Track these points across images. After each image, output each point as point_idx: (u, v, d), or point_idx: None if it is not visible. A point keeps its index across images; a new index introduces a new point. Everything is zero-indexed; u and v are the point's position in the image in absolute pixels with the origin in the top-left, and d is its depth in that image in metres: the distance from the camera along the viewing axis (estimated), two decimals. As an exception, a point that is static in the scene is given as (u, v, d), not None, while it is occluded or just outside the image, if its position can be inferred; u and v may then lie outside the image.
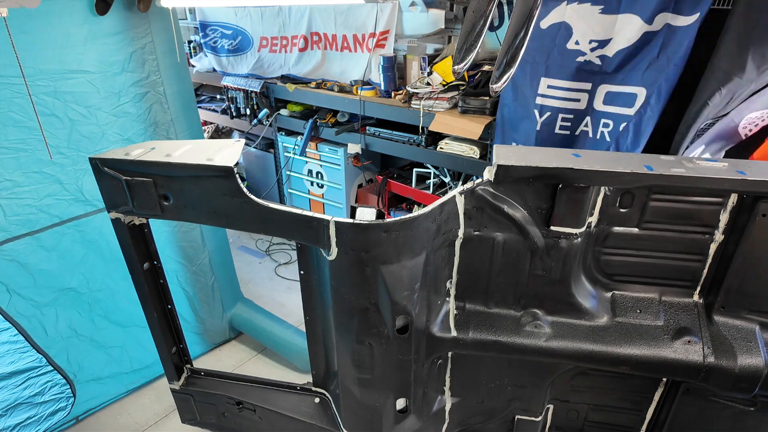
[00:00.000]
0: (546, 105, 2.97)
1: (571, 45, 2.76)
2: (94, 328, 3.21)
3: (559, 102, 2.93)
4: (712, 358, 1.69)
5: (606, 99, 2.75)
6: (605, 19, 2.61)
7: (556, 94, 2.92)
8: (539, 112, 3.01)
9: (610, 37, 2.63)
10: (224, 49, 5.50)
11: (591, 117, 2.83)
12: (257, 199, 1.75)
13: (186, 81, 3.30)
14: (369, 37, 4.35)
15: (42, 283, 2.91)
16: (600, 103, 2.77)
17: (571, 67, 2.81)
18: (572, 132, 2.94)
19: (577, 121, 2.90)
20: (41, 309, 2.93)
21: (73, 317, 3.10)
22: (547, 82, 2.91)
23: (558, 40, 2.80)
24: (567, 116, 2.94)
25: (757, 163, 2.05)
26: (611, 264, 1.81)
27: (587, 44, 2.70)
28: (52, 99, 2.67)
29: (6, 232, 2.69)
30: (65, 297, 3.03)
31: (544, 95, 2.95)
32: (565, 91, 2.88)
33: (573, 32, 2.74)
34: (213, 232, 3.65)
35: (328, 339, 2.08)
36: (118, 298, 3.23)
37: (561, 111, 2.95)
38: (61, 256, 2.94)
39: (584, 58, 2.74)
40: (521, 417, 2.16)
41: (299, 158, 5.20)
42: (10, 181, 2.64)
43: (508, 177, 1.65)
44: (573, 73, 2.82)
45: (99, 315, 3.21)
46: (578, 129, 2.91)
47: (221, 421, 2.55)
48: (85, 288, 3.11)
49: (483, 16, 1.74)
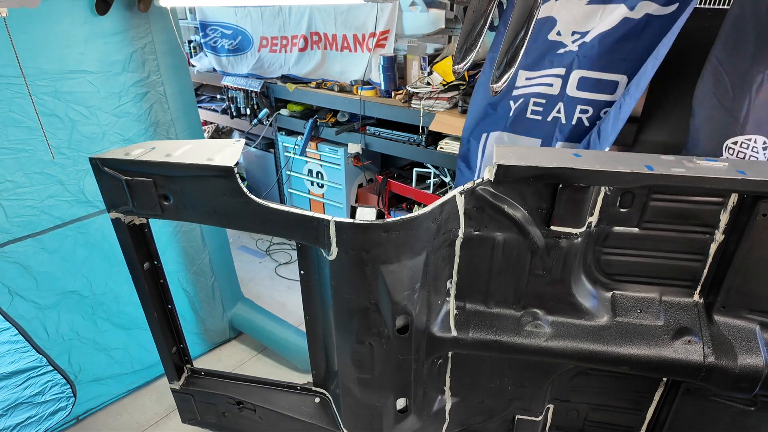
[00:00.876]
0: (519, 94, 2.92)
1: (552, 36, 2.73)
2: (97, 331, 3.20)
3: (532, 88, 2.88)
4: (713, 358, 1.69)
5: (581, 85, 2.70)
6: (591, 9, 2.59)
7: (531, 82, 2.88)
8: (514, 102, 2.97)
9: (593, 27, 2.60)
10: (224, 48, 5.50)
11: (563, 103, 2.77)
12: (257, 199, 1.75)
13: (186, 81, 3.30)
14: (369, 36, 4.35)
15: (44, 285, 2.90)
16: (573, 88, 2.72)
17: (550, 57, 2.77)
18: (544, 118, 2.88)
19: (549, 107, 2.84)
20: (43, 311, 2.92)
21: (76, 320, 3.08)
22: (526, 75, 2.88)
23: (540, 34, 2.76)
24: (539, 101, 2.87)
25: (758, 163, 2.05)
26: (611, 264, 1.81)
27: (569, 36, 2.67)
28: (52, 99, 2.66)
29: (8, 233, 2.68)
30: (68, 300, 3.02)
31: (520, 86, 2.90)
32: (539, 78, 2.84)
33: (556, 23, 2.71)
34: (213, 232, 3.65)
35: (328, 339, 2.08)
36: (121, 301, 3.21)
37: (533, 96, 2.88)
38: (64, 259, 2.93)
39: (565, 49, 2.70)
40: (521, 417, 2.16)
41: (299, 158, 5.20)
42: (12, 182, 2.63)
43: (509, 177, 1.65)
44: (550, 63, 2.78)
45: (102, 318, 3.20)
46: (550, 115, 2.85)
47: (222, 421, 2.55)
48: (88, 291, 3.09)
49: (483, 15, 1.74)
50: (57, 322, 2.99)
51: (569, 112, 2.77)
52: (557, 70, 2.75)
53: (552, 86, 2.79)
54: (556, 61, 2.74)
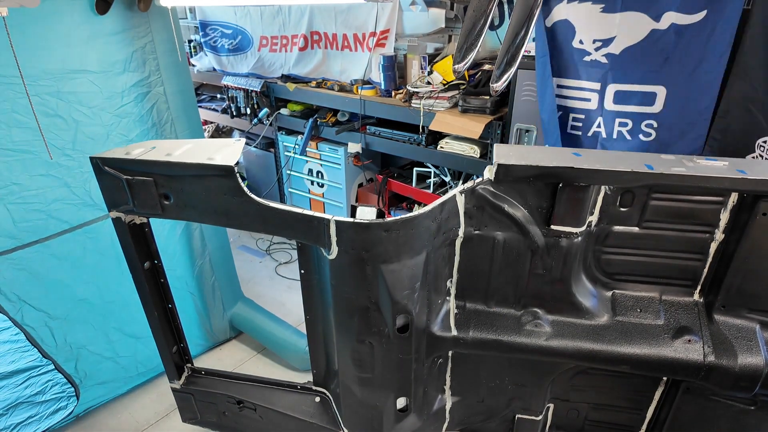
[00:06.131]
0: (558, 105, 2.94)
1: (575, 44, 2.73)
2: (107, 341, 3.14)
3: (569, 101, 2.90)
4: (713, 357, 1.69)
5: (618, 98, 2.70)
6: (606, 17, 2.60)
7: (566, 93, 2.90)
8: (557, 110, 2.99)
9: (613, 36, 2.59)
10: (224, 48, 5.49)
11: (603, 117, 2.79)
12: (258, 199, 1.75)
13: (186, 80, 3.29)
14: (369, 36, 4.35)
15: (54, 293, 2.83)
16: (610, 102, 2.73)
17: (579, 67, 2.77)
18: (584, 132, 2.91)
19: (589, 122, 2.86)
20: (53, 321, 2.86)
21: (87, 330, 3.02)
22: (558, 82, 2.89)
23: (563, 38, 2.77)
24: (578, 116, 2.89)
25: (758, 162, 2.05)
26: (612, 263, 1.81)
27: (591, 43, 2.67)
28: (55, 99, 2.65)
29: (15, 239, 2.62)
30: (79, 310, 2.95)
31: (557, 95, 2.93)
32: (574, 90, 2.85)
33: (576, 31, 2.71)
34: (213, 232, 3.65)
35: (328, 338, 2.08)
36: (132, 309, 3.07)
37: (571, 111, 2.91)
38: (74, 265, 2.87)
39: (590, 57, 2.70)
40: (522, 416, 2.16)
41: (299, 157, 5.20)
42: (17, 184, 2.58)
43: (509, 176, 1.65)
44: (581, 73, 2.78)
45: (113, 328, 3.14)
46: (590, 130, 2.87)
47: (222, 420, 2.56)
48: (98, 299, 3.02)
49: (483, 15, 1.75)
50: (66, 332, 2.93)
51: (609, 126, 2.78)
52: (593, 85, 2.76)
53: (590, 101, 2.81)
54: (587, 71, 2.75)
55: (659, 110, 2.59)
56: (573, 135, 2.95)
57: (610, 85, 2.69)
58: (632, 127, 2.70)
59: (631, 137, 2.73)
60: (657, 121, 2.61)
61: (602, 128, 2.80)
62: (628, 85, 2.64)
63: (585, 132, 2.89)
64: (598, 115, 2.79)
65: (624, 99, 2.68)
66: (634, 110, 2.66)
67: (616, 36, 2.57)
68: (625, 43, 2.57)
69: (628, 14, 2.51)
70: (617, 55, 2.61)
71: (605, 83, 2.70)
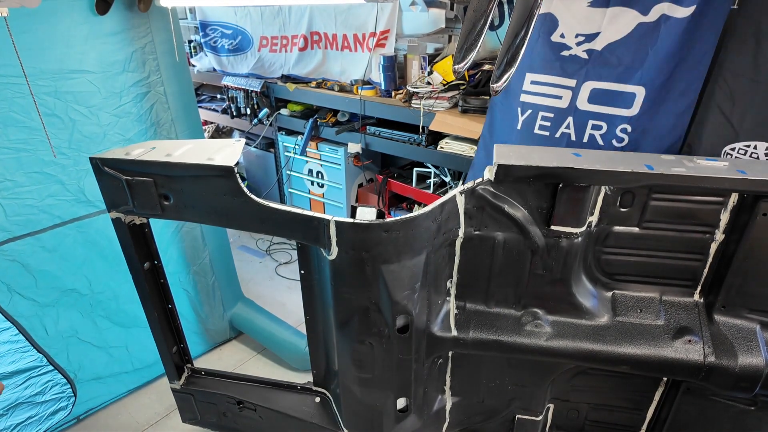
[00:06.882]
0: (528, 102, 2.76)
1: (555, 38, 2.59)
2: (96, 329, 3.20)
3: (540, 98, 2.71)
4: (713, 358, 1.69)
5: (593, 97, 2.54)
6: (594, 12, 2.46)
7: (539, 90, 2.71)
8: (521, 110, 2.80)
9: (598, 31, 2.47)
10: (224, 48, 5.50)
11: (573, 117, 2.61)
12: (258, 199, 1.75)
13: (186, 81, 3.29)
14: (369, 36, 4.35)
15: (43, 284, 2.89)
16: (584, 101, 2.57)
17: (555, 62, 2.61)
18: (552, 134, 2.71)
19: (558, 122, 2.68)
20: (42, 309, 2.92)
21: (75, 318, 3.08)
22: (531, 78, 2.72)
23: (542, 31, 2.61)
24: (547, 114, 2.70)
25: (758, 162, 2.05)
26: (612, 263, 1.81)
27: (573, 38, 2.54)
28: (53, 99, 2.66)
29: (7, 231, 2.68)
30: (67, 298, 3.02)
31: (528, 92, 2.75)
32: (547, 87, 2.67)
33: (558, 24, 2.57)
34: (213, 232, 3.65)
35: (328, 338, 2.08)
36: (120, 300, 3.21)
37: (541, 109, 2.71)
38: (63, 258, 2.93)
39: (569, 52, 2.56)
40: (522, 416, 2.16)
41: (299, 158, 5.20)
42: (12, 181, 2.64)
43: (509, 176, 1.65)
44: (557, 68, 2.61)
45: (101, 316, 3.20)
46: (558, 131, 2.68)
47: (222, 421, 2.56)
48: (87, 290, 3.09)
49: (483, 15, 1.74)
50: (56, 320, 2.99)
51: (580, 128, 2.61)
52: (567, 81, 2.59)
53: (561, 98, 2.63)
54: (563, 67, 2.60)
55: (635, 113, 2.46)
56: (539, 136, 2.77)
57: (586, 82, 2.55)
58: (606, 131, 2.56)
59: (603, 142, 2.58)
60: (631, 126, 2.49)
61: (572, 130, 2.66)
62: (605, 83, 2.50)
63: (553, 133, 2.73)
64: (569, 114, 2.64)
65: (599, 99, 2.54)
66: (610, 112, 2.52)
67: (602, 32, 2.46)
68: (609, 39, 2.46)
69: (617, 9, 2.41)
70: (599, 51, 2.50)
71: (581, 80, 2.57)
